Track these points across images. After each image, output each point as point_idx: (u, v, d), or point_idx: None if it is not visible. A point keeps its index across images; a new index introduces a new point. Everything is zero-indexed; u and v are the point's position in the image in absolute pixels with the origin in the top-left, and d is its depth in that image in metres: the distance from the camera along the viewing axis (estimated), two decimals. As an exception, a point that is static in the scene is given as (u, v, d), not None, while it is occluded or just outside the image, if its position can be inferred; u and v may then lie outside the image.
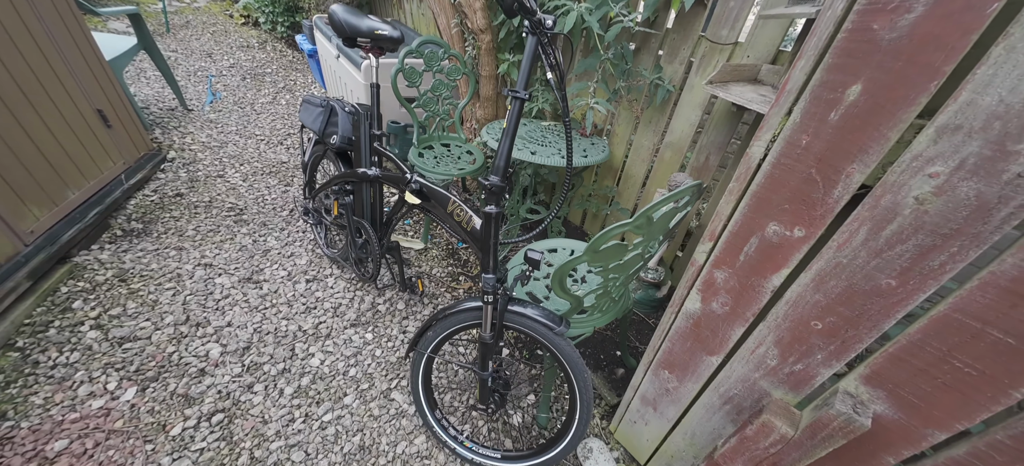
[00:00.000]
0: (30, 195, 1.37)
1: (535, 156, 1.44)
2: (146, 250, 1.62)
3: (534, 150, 1.49)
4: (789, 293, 0.56)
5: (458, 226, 1.01)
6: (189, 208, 1.90)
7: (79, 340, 1.24)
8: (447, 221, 1.05)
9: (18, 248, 1.30)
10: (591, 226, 2.16)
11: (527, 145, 1.52)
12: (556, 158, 1.44)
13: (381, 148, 1.28)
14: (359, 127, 1.27)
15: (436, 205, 1.07)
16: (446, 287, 1.77)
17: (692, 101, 1.43)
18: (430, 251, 1.98)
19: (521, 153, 1.43)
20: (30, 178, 1.38)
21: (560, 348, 0.95)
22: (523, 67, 0.82)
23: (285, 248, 1.80)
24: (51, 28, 1.50)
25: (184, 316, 1.39)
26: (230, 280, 1.57)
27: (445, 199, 1.05)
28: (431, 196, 1.08)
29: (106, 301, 1.38)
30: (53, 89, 1.49)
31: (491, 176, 0.88)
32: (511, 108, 0.83)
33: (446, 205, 1.03)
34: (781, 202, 0.52)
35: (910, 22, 0.38)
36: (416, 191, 1.10)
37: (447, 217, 1.03)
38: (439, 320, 1.03)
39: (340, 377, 1.31)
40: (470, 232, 0.97)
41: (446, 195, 1.05)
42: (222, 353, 1.30)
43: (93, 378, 1.16)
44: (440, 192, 1.06)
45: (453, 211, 1.01)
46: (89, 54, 1.72)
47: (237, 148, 2.46)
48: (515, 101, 0.83)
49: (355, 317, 1.54)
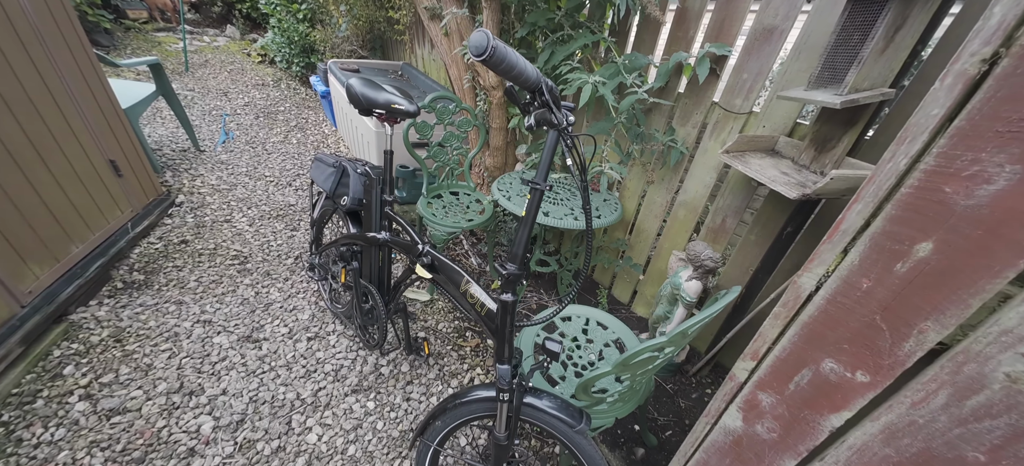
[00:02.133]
0: (32, 253, 1.34)
1: (548, 217, 1.41)
2: (145, 305, 1.57)
3: (546, 210, 1.46)
4: (852, 438, 0.49)
5: (471, 308, 0.96)
6: (193, 256, 1.87)
7: (66, 413, 1.17)
8: (458, 300, 1.00)
9: (14, 311, 1.26)
10: (601, 277, 2.11)
11: (546, 204, 1.49)
12: (569, 220, 1.41)
13: (392, 214, 1.25)
14: (371, 191, 1.25)
15: (447, 282, 1.02)
16: (452, 344, 1.70)
17: (706, 163, 1.41)
18: (436, 303, 1.92)
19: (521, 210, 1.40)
20: (34, 235, 1.36)
21: (579, 446, 0.87)
22: (543, 160, 0.79)
23: (287, 301, 1.74)
24: (70, 85, 1.53)
25: (178, 383, 1.32)
26: (229, 339, 1.51)
27: (458, 277, 1.00)
28: (442, 270, 1.04)
29: (99, 366, 1.32)
30: (67, 144, 1.50)
31: (508, 264, 0.83)
32: (530, 198, 0.80)
33: (459, 283, 0.99)
34: (839, 341, 0.47)
35: (990, 194, 0.35)
36: (427, 265, 1.06)
37: (459, 296, 0.98)
38: (448, 410, 0.96)
39: (338, 457, 1.22)
40: (483, 315, 0.92)
41: (459, 272, 1.01)
42: (214, 428, 1.23)
43: (76, 460, 1.08)
44: (452, 269, 1.02)
45: (466, 291, 0.97)
46: (106, 105, 1.74)
47: (246, 191, 2.46)
48: (534, 191, 0.80)
49: (357, 381, 1.46)
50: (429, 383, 1.51)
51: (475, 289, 0.95)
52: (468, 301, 0.96)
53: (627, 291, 1.97)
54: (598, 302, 1.98)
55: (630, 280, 1.93)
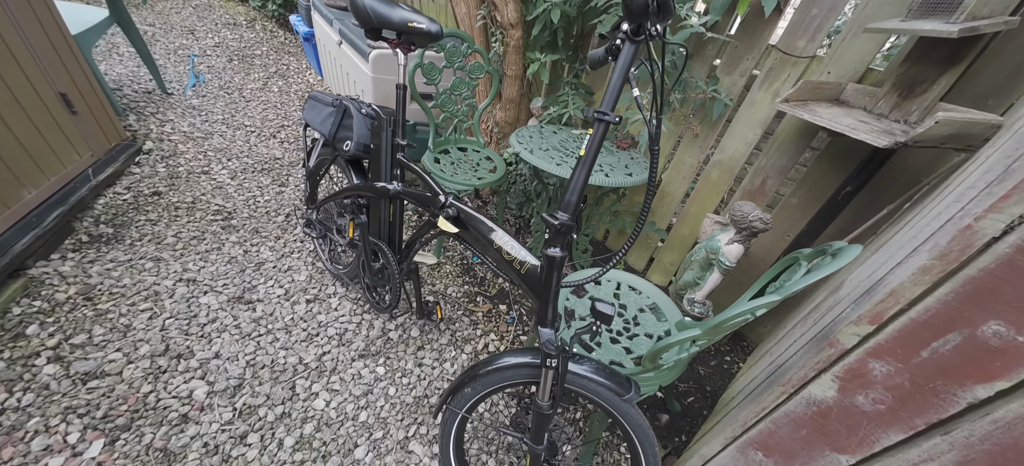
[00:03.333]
0: (-29, 197, 1.13)
1: None
2: (117, 261, 1.39)
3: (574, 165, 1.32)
4: (1001, 412, 0.42)
5: (506, 265, 0.84)
6: (169, 210, 1.67)
7: (34, 377, 1.03)
8: (491, 256, 0.88)
9: (-46, 263, 1.07)
10: (616, 243, 2.02)
11: (565, 158, 1.35)
12: (599, 177, 1.28)
13: (405, 160, 1.10)
14: (380, 134, 1.08)
15: (477, 236, 0.90)
16: (463, 309, 1.60)
17: (751, 118, 1.29)
18: (443, 267, 1.80)
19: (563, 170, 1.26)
20: (-28, 176, 1.14)
21: (627, 416, 0.80)
22: (613, 83, 0.66)
23: (281, 261, 1.59)
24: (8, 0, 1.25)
25: (163, 345, 1.18)
26: (218, 300, 1.36)
27: (488, 229, 0.88)
28: (470, 223, 0.91)
29: (67, 326, 1.16)
30: (7, 70, 1.24)
31: (559, 212, 0.71)
32: (594, 132, 0.67)
33: (490, 237, 0.86)
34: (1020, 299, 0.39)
35: None
36: (452, 217, 0.92)
37: (493, 252, 0.86)
38: (480, 376, 0.87)
39: (349, 423, 1.14)
40: (523, 274, 0.81)
41: (489, 225, 0.88)
42: (209, 394, 1.11)
43: (50, 427, 0.95)
44: (482, 221, 0.89)
45: (500, 246, 0.84)
46: (52, 28, 1.46)
47: (224, 140, 2.21)
48: (599, 124, 0.67)
49: (363, 346, 1.36)
50: (441, 348, 1.42)
51: (511, 244, 0.84)
52: (504, 258, 0.84)
53: (643, 258, 1.89)
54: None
55: (647, 246, 1.86)
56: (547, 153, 1.38)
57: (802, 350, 0.74)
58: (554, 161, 1.31)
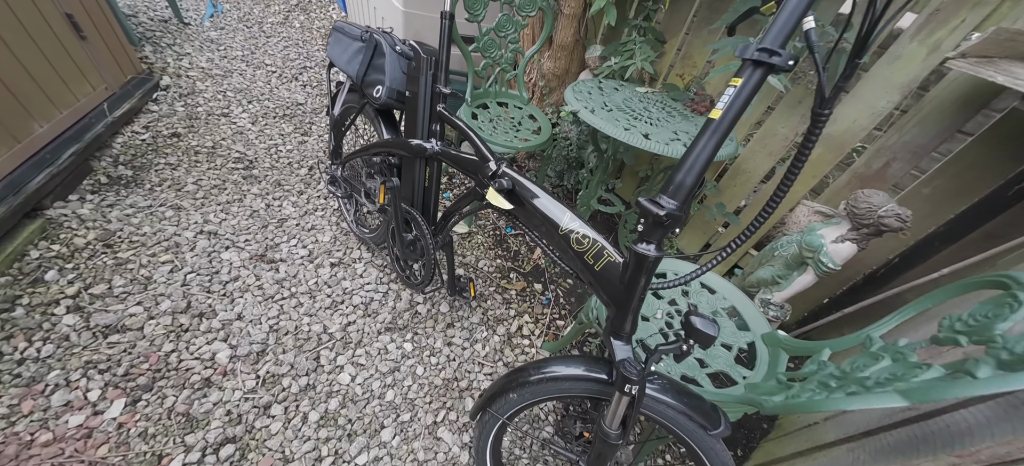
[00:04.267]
0: (-23, 127, 1.03)
1: (649, 141, 1.04)
2: (136, 206, 1.31)
3: (646, 130, 1.08)
4: None
5: (574, 258, 0.66)
6: (188, 154, 1.56)
7: (53, 327, 0.98)
8: (554, 243, 0.70)
9: (-34, 199, 0.99)
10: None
11: (633, 122, 1.11)
12: (677, 147, 1.04)
13: (447, 113, 0.90)
14: (417, 79, 0.88)
15: (536, 215, 0.71)
16: (495, 286, 1.47)
17: (890, 79, 0.99)
18: (474, 236, 1.65)
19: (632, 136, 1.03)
20: (-25, 103, 1.03)
21: (711, 453, 0.65)
22: (788, 9, 0.43)
23: (304, 219, 1.48)
24: None
25: (184, 302, 1.11)
26: (239, 256, 1.27)
27: (554, 209, 0.69)
28: (527, 200, 0.73)
29: (87, 274, 1.10)
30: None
31: (664, 198, 0.52)
32: (744, 79, 0.46)
33: (556, 219, 0.68)
34: None
35: None
36: (506, 189, 0.74)
37: (557, 239, 0.68)
38: (530, 383, 0.73)
39: (375, 402, 1.06)
40: (598, 272, 0.63)
41: (556, 203, 0.70)
42: (231, 358, 1.04)
43: (70, 381, 0.91)
44: (545, 197, 0.71)
45: (568, 233, 0.66)
46: (46, -68, 1.27)
47: (244, 80, 2.05)
48: (757, 69, 0.45)
49: (390, 318, 1.26)
50: (472, 328, 1.31)
51: (584, 231, 0.65)
52: (572, 248, 0.66)
53: (698, 241, 1.67)
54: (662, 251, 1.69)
55: (706, 229, 1.63)
56: (611, 115, 1.14)
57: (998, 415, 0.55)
58: (621, 125, 1.07)
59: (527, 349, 1.30)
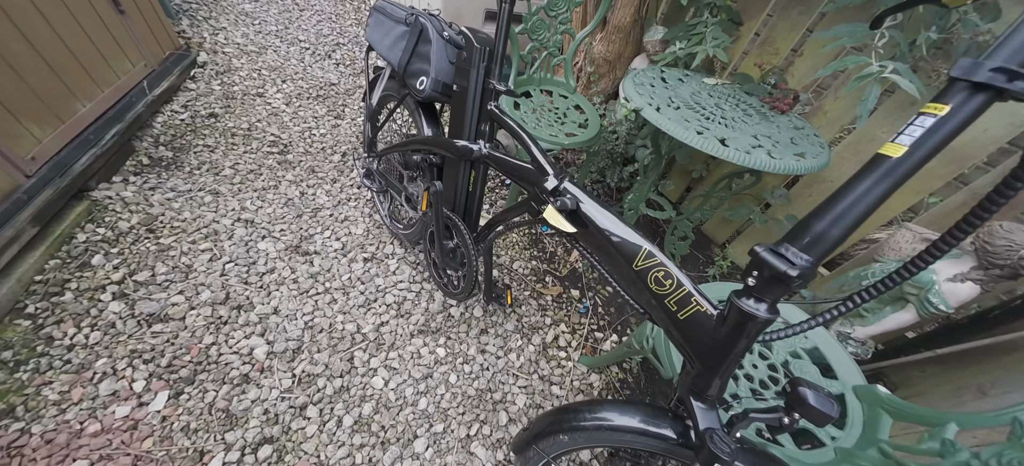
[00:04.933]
0: (25, 109, 1.03)
1: (729, 149, 0.88)
2: (177, 190, 1.30)
3: (723, 134, 0.93)
4: None
5: (653, 300, 0.56)
6: (225, 136, 1.54)
7: (100, 313, 0.99)
8: (626, 278, 0.60)
9: (17, 181, 1.00)
10: (717, 230, 1.64)
11: (706, 124, 0.96)
12: (761, 156, 0.88)
13: (500, 111, 0.79)
14: (468, 72, 0.77)
15: (606, 245, 0.61)
16: (530, 290, 1.39)
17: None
18: (508, 235, 1.57)
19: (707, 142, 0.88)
20: (23, 85, 1.02)
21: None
22: None
23: (337, 209, 1.44)
24: None
25: (223, 293, 1.10)
26: (275, 247, 1.25)
27: (631, 241, 0.58)
28: (596, 225, 0.62)
29: (132, 259, 1.10)
30: (33, -51, 1.05)
31: (791, 249, 0.41)
32: (954, 105, 0.33)
33: (633, 254, 0.57)
34: None
35: None
36: (568, 210, 0.64)
37: (629, 273, 0.58)
38: (580, 427, 0.65)
39: (408, 409, 1.03)
40: (683, 321, 0.53)
41: (633, 234, 0.59)
42: (268, 354, 1.03)
43: (117, 370, 0.92)
44: (620, 224, 0.60)
45: (647, 270, 0.56)
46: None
47: (278, 57, 1.99)
48: (977, 95, 0.32)
49: (423, 321, 1.21)
50: (507, 335, 1.24)
51: (668, 268, 0.54)
52: (649, 288, 0.56)
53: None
54: (713, 262, 1.55)
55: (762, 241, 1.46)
56: (679, 114, 1.00)
57: None
58: (693, 127, 0.93)
59: (563, 362, 1.23)
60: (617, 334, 1.34)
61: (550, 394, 1.14)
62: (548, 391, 1.15)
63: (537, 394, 1.13)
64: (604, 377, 1.21)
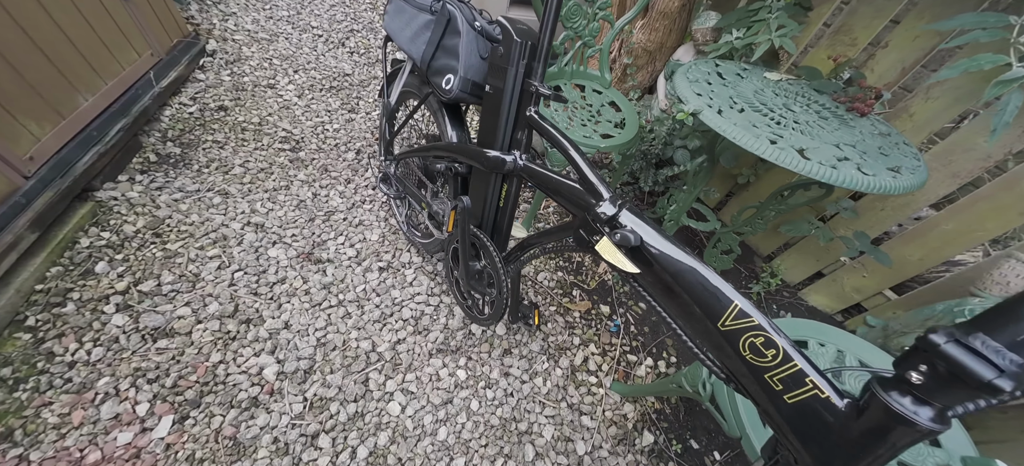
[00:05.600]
0: (21, 104, 0.95)
1: (810, 162, 0.74)
2: (185, 191, 1.23)
3: (799, 142, 0.79)
4: None
5: (742, 366, 0.44)
6: (235, 131, 1.45)
7: (103, 327, 0.93)
8: (706, 337, 0.48)
9: (14, 184, 0.93)
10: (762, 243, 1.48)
11: (779, 130, 0.82)
12: (849, 170, 0.73)
13: (541, 119, 0.67)
14: (504, 71, 0.65)
15: (678, 294, 0.49)
16: (556, 304, 1.28)
17: None
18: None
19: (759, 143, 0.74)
20: (18, 78, 0.94)
21: None
22: None
23: (351, 212, 1.34)
24: None
25: (232, 305, 1.03)
26: (286, 254, 1.17)
27: (723, 299, 0.46)
28: (662, 267, 0.50)
29: (136, 267, 1.04)
30: (26, -73, 0.96)
31: (987, 344, 0.29)
32: None
33: (719, 313, 0.45)
34: None
35: None
36: (627, 245, 0.52)
37: (709, 332, 0.46)
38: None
39: (427, 439, 0.94)
40: (792, 403, 0.41)
41: (717, 282, 0.46)
42: (279, 374, 0.96)
43: (120, 391, 0.86)
44: (696, 266, 0.48)
45: (738, 332, 0.44)
46: None
47: (290, 45, 1.89)
48: None
49: (442, 338, 1.12)
50: (532, 357, 1.14)
51: (770, 333, 0.42)
52: (740, 354, 0.44)
53: (805, 268, 1.36)
54: (758, 278, 1.41)
55: (820, 256, 1.31)
56: (744, 117, 0.85)
57: None
58: (764, 135, 0.78)
59: (594, 388, 1.12)
60: (652, 358, 1.22)
61: (580, 425, 1.04)
62: (578, 422, 1.05)
63: (566, 425, 1.04)
64: (639, 407, 1.10)
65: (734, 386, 0.48)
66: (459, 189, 0.91)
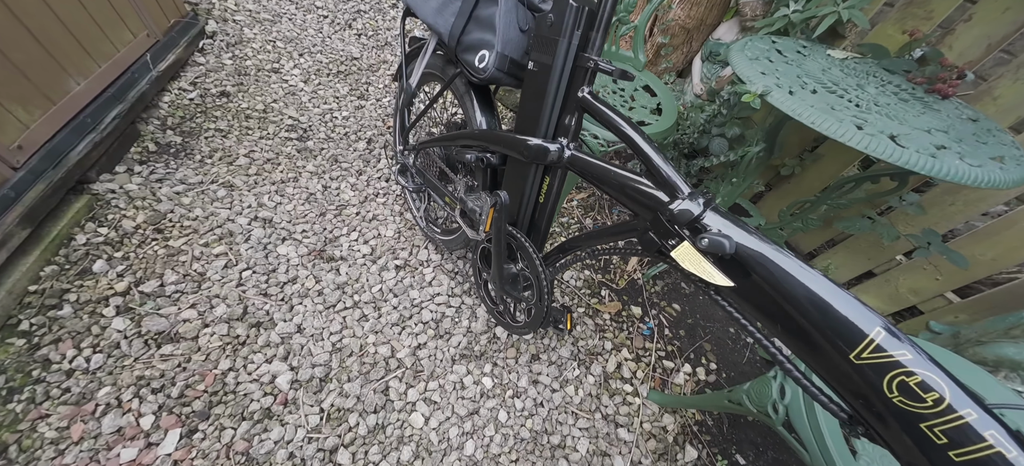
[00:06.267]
0: (7, 88, 0.86)
1: (907, 152, 0.63)
2: (187, 183, 1.14)
3: (889, 127, 0.68)
4: None
5: (883, 407, 0.35)
6: (238, 118, 1.36)
7: (103, 331, 0.86)
8: (831, 369, 0.39)
9: (2, 175, 0.85)
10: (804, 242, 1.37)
11: (861, 114, 0.71)
12: (952, 159, 0.63)
13: (596, 100, 0.57)
14: (552, 44, 0.54)
15: (800, 318, 0.39)
16: (585, 306, 1.19)
17: None
18: (556, 237, 1.36)
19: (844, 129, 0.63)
20: (3, 60, 0.85)
21: None
22: None
23: (364, 206, 1.26)
24: None
25: (240, 307, 0.96)
26: (297, 251, 1.09)
27: (850, 325, 0.37)
28: (771, 283, 0.40)
29: (137, 266, 0.96)
30: None
31: None
32: None
33: (854, 333, 0.36)
34: None
35: None
36: (720, 254, 0.42)
37: (840, 366, 0.37)
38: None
39: (454, 456, 0.87)
40: (961, 462, 0.32)
41: (852, 302, 0.37)
42: (293, 383, 0.88)
43: (122, 402, 0.79)
44: (822, 280, 0.38)
45: (887, 370, 0.34)
46: None
47: (294, 26, 1.78)
48: None
49: (465, 342, 1.04)
50: (562, 363, 1.06)
51: (924, 369, 0.33)
52: (884, 394, 0.35)
53: (856, 266, 1.26)
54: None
55: (871, 254, 1.21)
56: (818, 98, 0.74)
57: None
58: (847, 118, 0.68)
59: (629, 398, 1.04)
60: (690, 364, 1.13)
61: (616, 438, 0.97)
62: (614, 435, 0.97)
63: (601, 438, 0.96)
64: (679, 418, 1.02)
65: (863, 431, 0.38)
66: (489, 182, 0.81)
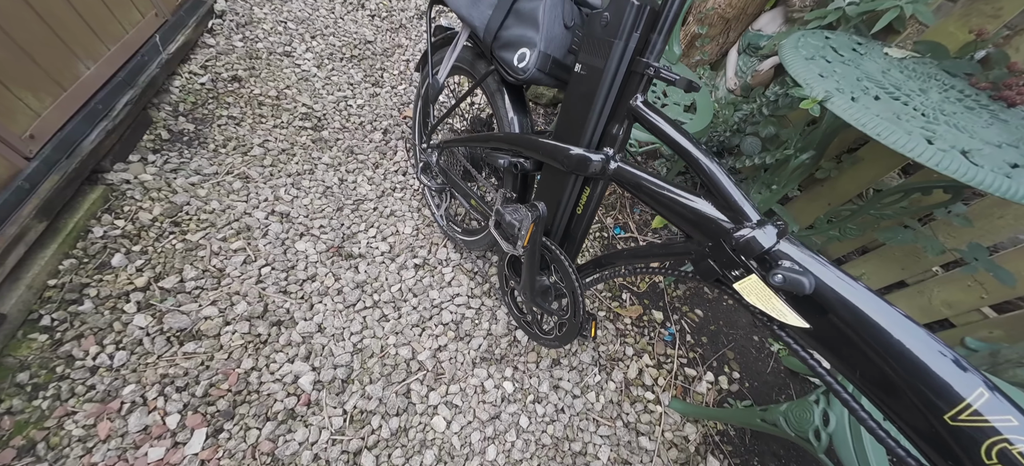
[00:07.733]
0: (16, 74, 0.83)
1: (982, 170, 0.59)
2: (202, 173, 1.11)
3: (960, 142, 0.63)
4: None
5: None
6: (251, 105, 1.31)
7: (125, 327, 0.85)
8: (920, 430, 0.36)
9: (15, 167, 0.82)
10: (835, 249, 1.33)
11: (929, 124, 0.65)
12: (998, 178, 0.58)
13: (649, 110, 0.52)
14: (605, 45, 0.49)
15: (889, 371, 0.36)
16: (605, 310, 1.17)
17: None
18: (578, 236, 1.32)
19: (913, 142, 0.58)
20: (10, 44, 0.81)
21: None
22: None
23: (382, 201, 1.22)
24: None
25: (261, 305, 0.94)
26: (315, 248, 1.07)
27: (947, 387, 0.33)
28: (861, 328, 0.37)
29: (156, 260, 0.94)
30: None
31: None
32: None
33: (951, 394, 0.33)
34: None
35: None
36: (799, 295, 0.39)
37: (928, 426, 0.34)
38: None
39: (476, 460, 0.87)
40: None
41: (955, 366, 0.34)
42: (315, 383, 0.88)
43: (147, 400, 0.78)
44: (919, 332, 0.35)
45: (985, 438, 0.31)
46: None
47: (305, 7, 1.70)
48: None
49: (486, 345, 1.02)
50: (583, 368, 1.05)
51: None
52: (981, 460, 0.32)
53: (887, 274, 1.22)
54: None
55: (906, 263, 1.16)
56: (881, 105, 0.68)
57: None
58: (916, 130, 0.62)
59: (651, 405, 1.03)
60: (713, 372, 1.12)
61: (638, 447, 0.96)
62: (635, 443, 0.96)
63: (623, 446, 0.95)
64: (701, 427, 1.01)
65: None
66: (519, 187, 0.77)
